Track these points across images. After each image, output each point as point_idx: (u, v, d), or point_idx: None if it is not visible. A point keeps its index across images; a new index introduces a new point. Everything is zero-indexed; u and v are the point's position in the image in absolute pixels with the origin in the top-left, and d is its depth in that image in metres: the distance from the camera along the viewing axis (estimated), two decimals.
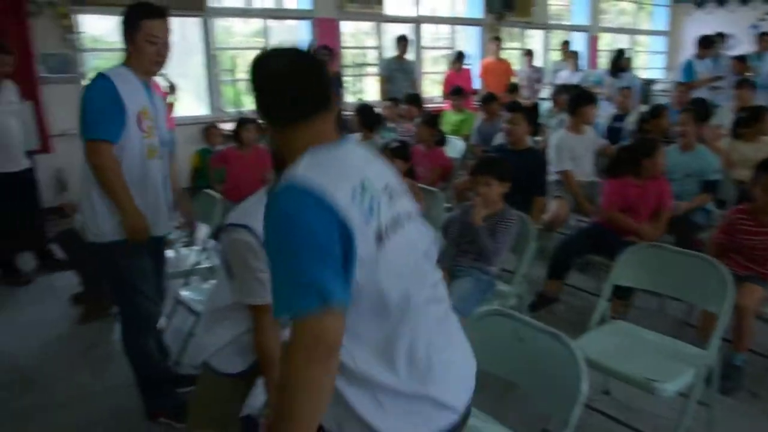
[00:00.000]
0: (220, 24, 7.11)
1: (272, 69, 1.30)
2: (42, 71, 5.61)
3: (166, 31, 2.28)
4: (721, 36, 8.29)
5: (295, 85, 1.28)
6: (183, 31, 6.96)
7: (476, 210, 2.91)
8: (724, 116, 5.87)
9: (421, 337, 1.26)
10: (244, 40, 9.35)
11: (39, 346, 3.38)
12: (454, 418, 1.30)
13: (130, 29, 2.24)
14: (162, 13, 2.26)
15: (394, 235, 1.23)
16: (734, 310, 2.41)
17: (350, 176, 1.21)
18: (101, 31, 6.52)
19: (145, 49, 2.24)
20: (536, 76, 8.80)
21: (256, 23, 7.47)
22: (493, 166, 3.01)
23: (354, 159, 1.29)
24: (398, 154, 3.61)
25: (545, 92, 9.07)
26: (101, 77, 2.23)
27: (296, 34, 7.99)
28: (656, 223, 3.51)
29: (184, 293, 3.01)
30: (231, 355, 1.80)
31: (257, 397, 1.83)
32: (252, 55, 1.38)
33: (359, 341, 1.21)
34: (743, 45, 11.46)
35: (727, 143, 4.76)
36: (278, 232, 1.14)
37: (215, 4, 7.05)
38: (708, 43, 7.45)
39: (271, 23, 7.56)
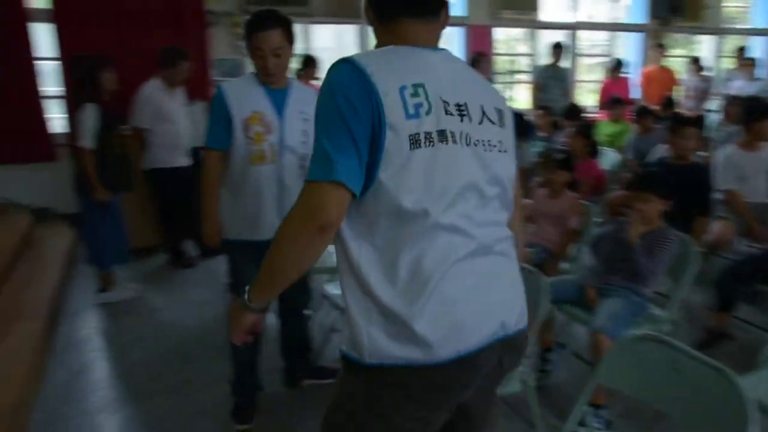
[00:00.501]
0: None
1: None
2: (215, 75, 6.13)
3: (272, 43, 2.25)
4: None
5: None
6: (340, 37, 7.29)
7: (633, 227, 2.74)
8: None
9: (429, 259, 1.18)
10: None
11: (198, 326, 3.70)
12: (427, 360, 1.18)
13: (246, 41, 2.31)
14: (266, 26, 2.23)
15: (435, 148, 1.18)
16: None
17: (409, 75, 1.20)
18: None
19: (255, 61, 2.31)
20: (704, 85, 8.09)
21: None
22: (655, 182, 2.81)
23: (428, 65, 1.25)
24: (562, 164, 3.50)
25: (714, 103, 8.35)
26: (218, 88, 2.38)
27: (449, 40, 8.05)
28: None
29: (328, 288, 3.13)
30: None
31: None
32: None
33: (371, 239, 1.21)
34: None
35: None
36: (322, 100, 1.20)
37: None
38: None
39: None
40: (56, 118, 5.58)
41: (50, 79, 5.49)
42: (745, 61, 8.10)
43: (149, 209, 4.83)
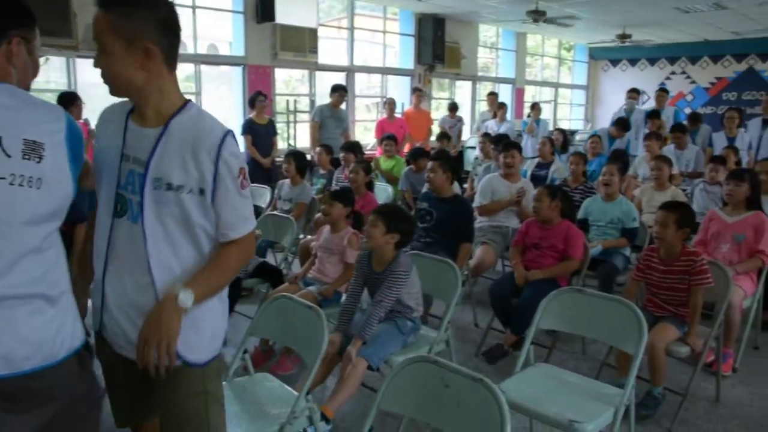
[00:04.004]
0: None
1: None
2: None
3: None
4: (635, 91, 8.88)
5: None
6: None
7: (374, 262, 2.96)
8: (638, 166, 6.27)
9: None
10: None
11: None
12: None
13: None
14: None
15: None
16: (646, 348, 2.50)
17: None
18: None
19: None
20: (459, 125, 9.19)
21: (188, 68, 7.43)
22: (382, 212, 2.96)
23: None
24: (338, 197, 3.60)
25: (473, 141, 9.42)
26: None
27: (229, 80, 8.00)
28: (560, 263, 3.65)
29: None
30: None
31: None
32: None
33: None
34: (651, 101, 12.52)
35: (639, 191, 5.06)
36: None
37: None
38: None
39: (204, 68, 7.54)
40: None
41: None
42: (497, 105, 9.26)
43: None
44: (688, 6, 8.74)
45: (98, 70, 1.50)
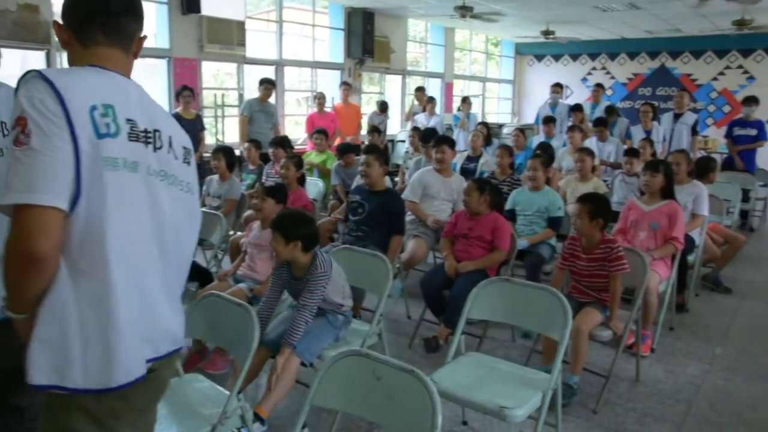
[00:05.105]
0: None
1: None
2: None
3: None
4: (559, 86, 9.17)
5: None
6: (26, 64, 6.46)
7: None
8: (561, 158, 6.49)
9: None
10: None
11: None
12: None
13: None
14: None
15: None
16: (571, 333, 2.59)
17: None
18: None
19: None
20: (386, 121, 9.35)
21: None
22: (276, 225, 2.80)
23: None
24: (271, 193, 3.55)
25: (403, 135, 9.51)
26: None
27: (154, 73, 7.72)
28: (489, 255, 3.73)
29: None
30: None
31: None
32: None
33: None
34: (574, 95, 13.01)
35: (564, 183, 5.25)
36: None
37: None
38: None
39: None
40: None
41: None
42: (426, 100, 9.36)
43: None
44: (605, 5, 9.10)
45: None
